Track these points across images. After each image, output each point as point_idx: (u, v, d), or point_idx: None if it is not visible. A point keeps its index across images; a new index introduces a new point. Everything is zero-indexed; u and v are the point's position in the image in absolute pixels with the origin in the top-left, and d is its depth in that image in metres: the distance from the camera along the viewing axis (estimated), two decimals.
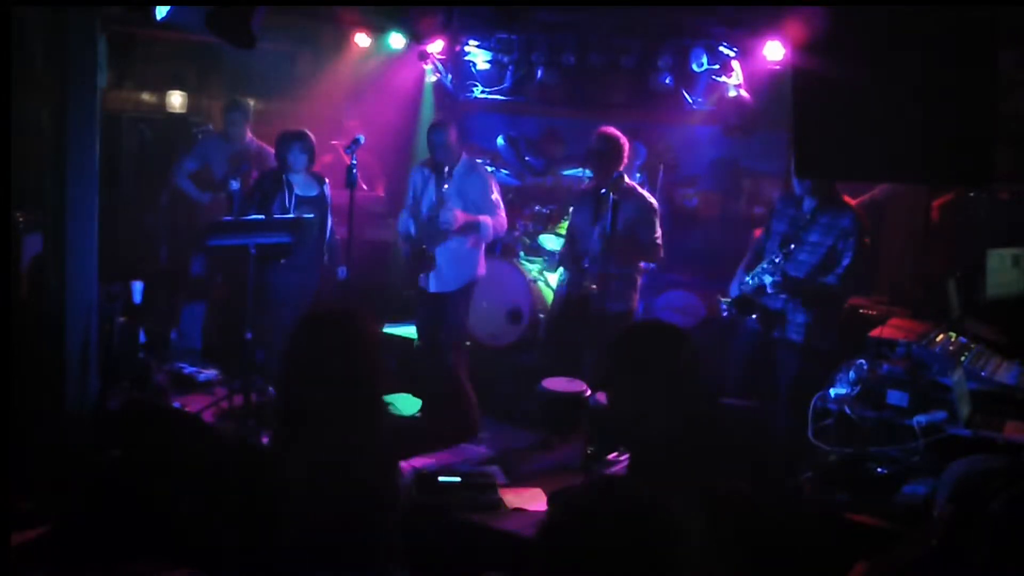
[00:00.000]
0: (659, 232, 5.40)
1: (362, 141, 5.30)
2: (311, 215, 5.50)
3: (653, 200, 5.51)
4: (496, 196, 5.62)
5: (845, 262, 4.52)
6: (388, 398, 3.02)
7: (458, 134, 5.61)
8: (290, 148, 5.57)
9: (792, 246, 4.60)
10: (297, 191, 5.60)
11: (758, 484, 2.60)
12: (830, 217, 4.61)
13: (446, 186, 5.48)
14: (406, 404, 5.42)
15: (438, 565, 3.07)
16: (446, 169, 5.50)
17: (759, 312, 4.78)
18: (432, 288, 5.61)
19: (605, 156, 5.41)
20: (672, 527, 1.53)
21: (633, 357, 2.59)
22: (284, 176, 5.57)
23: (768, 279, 4.61)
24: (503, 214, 5.63)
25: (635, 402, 2.54)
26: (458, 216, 5.37)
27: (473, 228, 5.47)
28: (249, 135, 6.45)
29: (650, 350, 2.58)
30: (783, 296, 4.65)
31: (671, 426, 2.48)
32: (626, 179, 5.48)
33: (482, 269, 5.76)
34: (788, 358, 4.68)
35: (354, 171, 5.06)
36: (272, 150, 5.79)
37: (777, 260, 4.57)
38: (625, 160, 5.49)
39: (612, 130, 5.48)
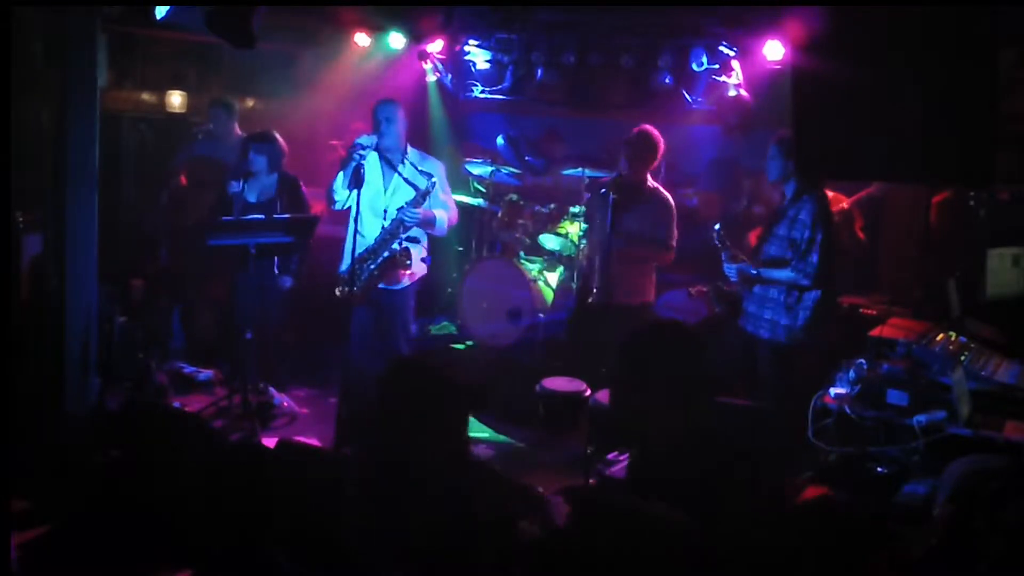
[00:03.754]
0: (674, 233, 5.39)
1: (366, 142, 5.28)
2: (311, 216, 5.50)
3: (671, 200, 5.45)
4: (448, 188, 5.28)
5: (813, 259, 4.44)
6: None
7: (405, 117, 5.18)
8: (247, 151, 5.53)
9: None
10: (248, 197, 5.47)
11: (757, 483, 2.60)
12: (795, 209, 4.60)
13: (400, 172, 5.03)
14: None
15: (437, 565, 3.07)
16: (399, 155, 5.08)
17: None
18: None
19: (636, 150, 5.35)
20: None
21: (636, 358, 2.57)
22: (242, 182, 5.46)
23: (731, 268, 4.66)
24: (455, 208, 5.30)
25: (638, 401, 2.54)
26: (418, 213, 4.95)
27: (428, 223, 5.07)
28: (238, 132, 6.43)
29: (654, 352, 2.57)
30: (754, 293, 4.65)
31: (672, 425, 2.48)
32: (649, 179, 5.44)
33: (424, 268, 5.25)
34: (764, 355, 4.65)
35: (361, 172, 4.96)
36: None
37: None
38: (656, 160, 5.44)
39: (649, 128, 5.41)
